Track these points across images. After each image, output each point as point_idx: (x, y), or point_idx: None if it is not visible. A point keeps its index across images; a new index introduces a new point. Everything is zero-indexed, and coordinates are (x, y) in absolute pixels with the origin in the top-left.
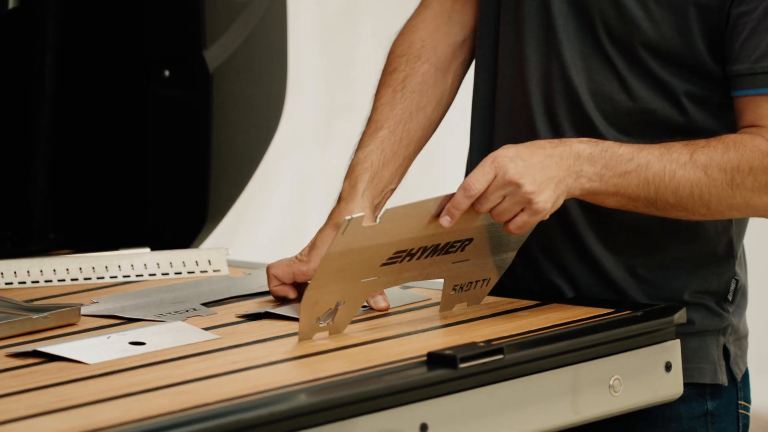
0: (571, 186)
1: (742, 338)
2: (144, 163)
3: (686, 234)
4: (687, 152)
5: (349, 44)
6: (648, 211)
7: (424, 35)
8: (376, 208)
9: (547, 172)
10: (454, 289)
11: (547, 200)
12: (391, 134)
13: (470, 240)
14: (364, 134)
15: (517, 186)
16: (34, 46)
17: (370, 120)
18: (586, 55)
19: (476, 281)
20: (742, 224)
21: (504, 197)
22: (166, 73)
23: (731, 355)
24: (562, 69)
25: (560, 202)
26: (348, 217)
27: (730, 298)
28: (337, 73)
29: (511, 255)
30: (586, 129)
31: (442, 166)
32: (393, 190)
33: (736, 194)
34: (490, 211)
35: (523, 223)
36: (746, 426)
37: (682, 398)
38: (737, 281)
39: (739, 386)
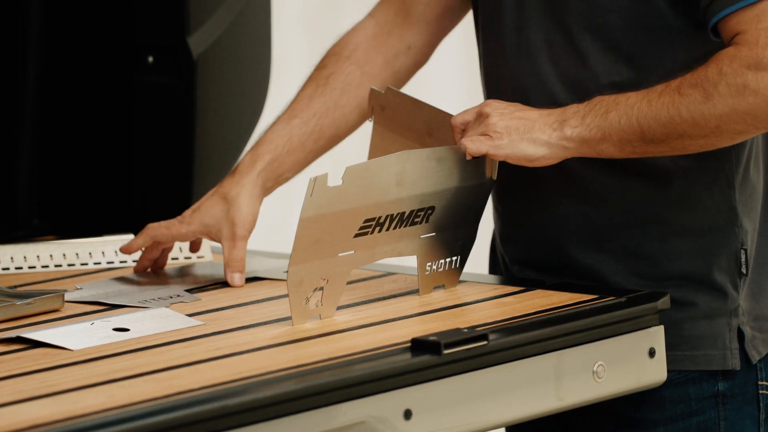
0: (551, 135)
1: (762, 319)
2: (128, 149)
3: (681, 203)
4: (663, 84)
5: (333, 33)
6: (647, 151)
7: (360, 39)
8: (267, 191)
9: (523, 113)
10: (428, 269)
11: (504, 127)
12: (304, 125)
13: (432, 209)
14: (278, 118)
15: (486, 117)
16: (18, 33)
17: (287, 107)
18: (551, 42)
19: (447, 260)
20: (747, 193)
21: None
22: (150, 59)
23: (746, 338)
24: (532, 64)
25: (528, 150)
26: (313, 177)
27: (744, 271)
28: None
29: (472, 229)
30: None
31: None
32: (288, 179)
33: (716, 103)
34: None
35: (477, 141)
36: None
37: (691, 379)
38: (746, 252)
39: (759, 366)
